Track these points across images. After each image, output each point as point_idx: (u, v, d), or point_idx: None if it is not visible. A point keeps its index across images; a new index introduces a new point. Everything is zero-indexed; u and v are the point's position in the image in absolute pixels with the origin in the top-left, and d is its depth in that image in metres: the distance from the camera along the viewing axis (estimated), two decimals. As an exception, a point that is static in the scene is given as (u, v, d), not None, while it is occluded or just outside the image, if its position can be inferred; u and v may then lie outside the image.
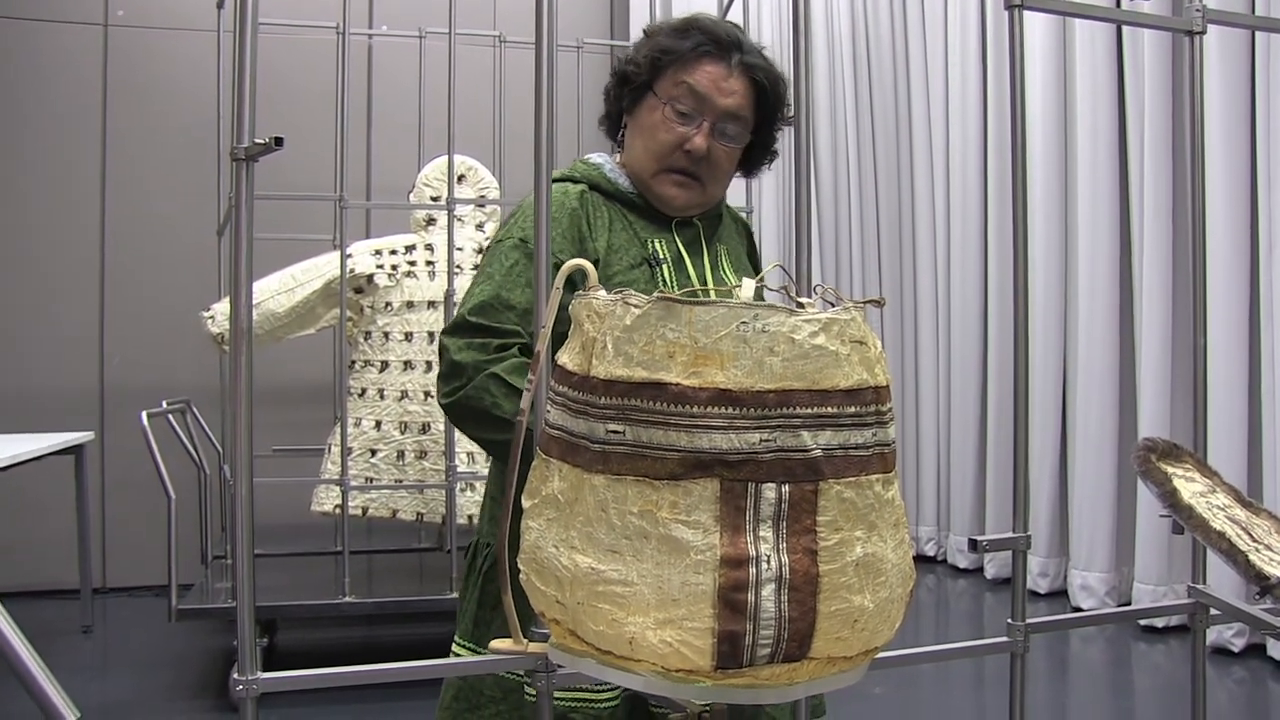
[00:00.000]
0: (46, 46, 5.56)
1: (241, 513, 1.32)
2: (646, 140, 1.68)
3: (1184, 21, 1.73)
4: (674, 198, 1.68)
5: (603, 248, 1.67)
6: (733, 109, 1.65)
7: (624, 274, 1.65)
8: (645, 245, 1.69)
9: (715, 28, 1.68)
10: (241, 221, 1.30)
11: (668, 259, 1.69)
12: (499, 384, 1.55)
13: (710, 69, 1.64)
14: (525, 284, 1.61)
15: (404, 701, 3.60)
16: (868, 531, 0.94)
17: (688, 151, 1.64)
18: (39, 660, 1.39)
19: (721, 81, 1.64)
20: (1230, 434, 3.92)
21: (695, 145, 1.64)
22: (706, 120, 1.64)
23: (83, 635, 4.71)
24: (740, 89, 1.65)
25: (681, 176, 1.67)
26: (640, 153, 1.70)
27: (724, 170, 1.70)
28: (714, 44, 1.65)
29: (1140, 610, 3.56)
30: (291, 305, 4.07)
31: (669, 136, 1.65)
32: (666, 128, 1.65)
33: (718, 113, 1.64)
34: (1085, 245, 4.65)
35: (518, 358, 1.58)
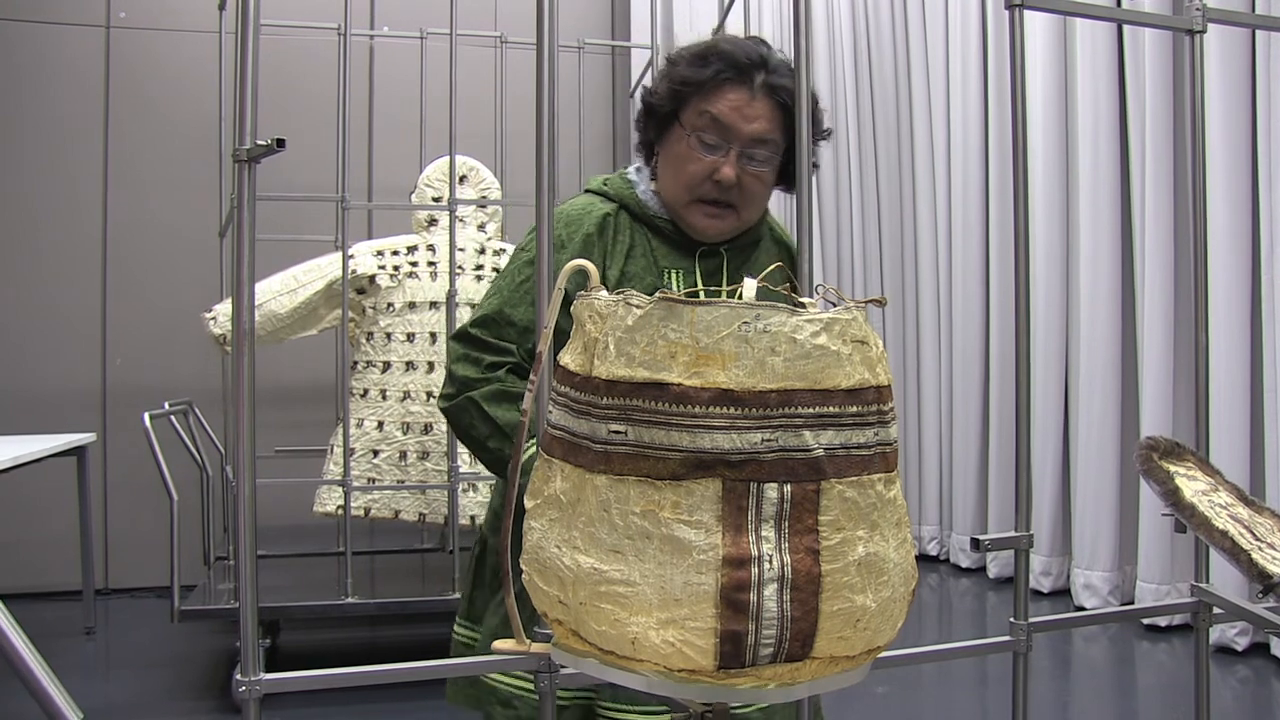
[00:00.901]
0: (48, 48, 5.56)
1: (244, 514, 1.32)
2: (676, 171, 1.67)
3: (1184, 20, 1.73)
4: (707, 228, 1.67)
5: (615, 276, 1.67)
6: (759, 134, 1.62)
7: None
8: (661, 276, 1.69)
9: (735, 52, 1.65)
10: (243, 222, 1.30)
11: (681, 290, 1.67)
12: (476, 410, 1.63)
13: (732, 96, 1.62)
14: (530, 302, 1.64)
15: (407, 702, 3.60)
16: (870, 531, 0.94)
17: (717, 182, 1.63)
18: (42, 661, 1.39)
19: (745, 108, 1.62)
20: (1232, 432, 3.92)
21: (724, 175, 1.62)
22: (733, 148, 1.62)
23: (85, 636, 4.71)
24: (765, 112, 1.63)
25: (713, 207, 1.65)
26: (671, 183, 1.69)
27: (757, 194, 1.68)
28: (734, 69, 1.62)
29: (1143, 609, 3.57)
30: (293, 306, 4.07)
31: (697, 168, 1.64)
32: (694, 159, 1.64)
33: (744, 140, 1.62)
34: (1086, 244, 4.65)
35: (502, 382, 1.63)
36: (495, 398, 1.63)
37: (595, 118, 6.28)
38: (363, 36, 5.30)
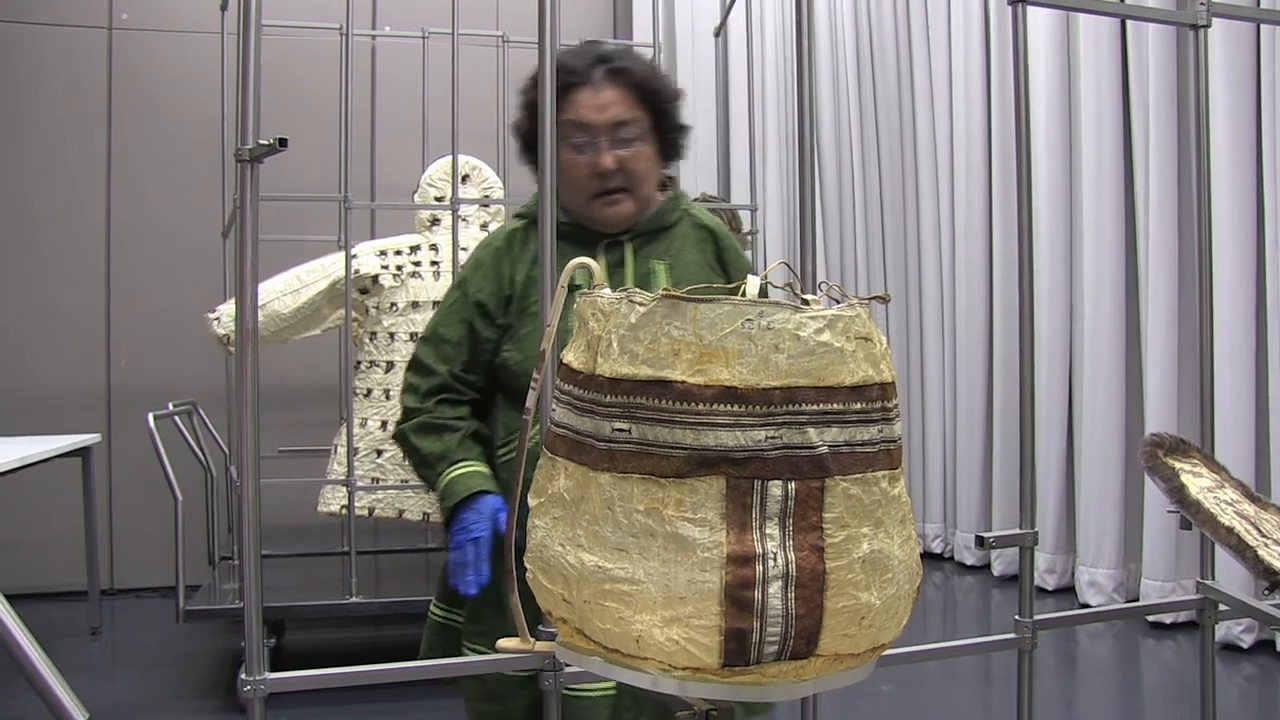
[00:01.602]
0: (51, 50, 5.57)
1: (248, 513, 1.32)
2: (565, 180, 1.76)
3: (1188, 15, 1.73)
4: (612, 215, 1.78)
5: (521, 280, 1.80)
6: (616, 118, 1.74)
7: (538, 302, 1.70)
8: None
9: (569, 59, 1.76)
10: (246, 222, 1.30)
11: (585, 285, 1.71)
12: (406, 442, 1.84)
13: (581, 97, 1.74)
14: (458, 320, 1.82)
15: (411, 701, 3.61)
16: (874, 528, 0.94)
17: (600, 174, 1.74)
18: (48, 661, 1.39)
19: (595, 101, 1.74)
20: (1237, 428, 3.91)
21: (603, 165, 1.73)
22: (601, 140, 1.74)
23: (91, 636, 4.72)
24: (615, 97, 1.74)
25: (609, 196, 1.76)
26: (567, 192, 1.78)
27: (642, 171, 1.78)
28: (574, 74, 1.74)
29: (1148, 606, 3.57)
30: (297, 306, 4.08)
31: (579, 170, 1.75)
32: (574, 164, 1.75)
33: (606, 128, 1.73)
34: (1090, 241, 4.64)
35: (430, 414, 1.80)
36: (422, 429, 1.80)
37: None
38: (365, 36, 5.30)
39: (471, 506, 1.71)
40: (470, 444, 1.78)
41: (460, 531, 1.70)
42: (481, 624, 1.81)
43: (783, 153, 6.15)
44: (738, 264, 1.88)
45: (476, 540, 1.68)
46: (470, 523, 1.69)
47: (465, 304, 1.82)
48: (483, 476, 1.74)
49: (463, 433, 1.79)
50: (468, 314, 1.81)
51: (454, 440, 1.78)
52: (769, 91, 6.11)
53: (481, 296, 1.81)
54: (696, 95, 6.08)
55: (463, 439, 1.78)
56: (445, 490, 1.74)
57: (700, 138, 6.31)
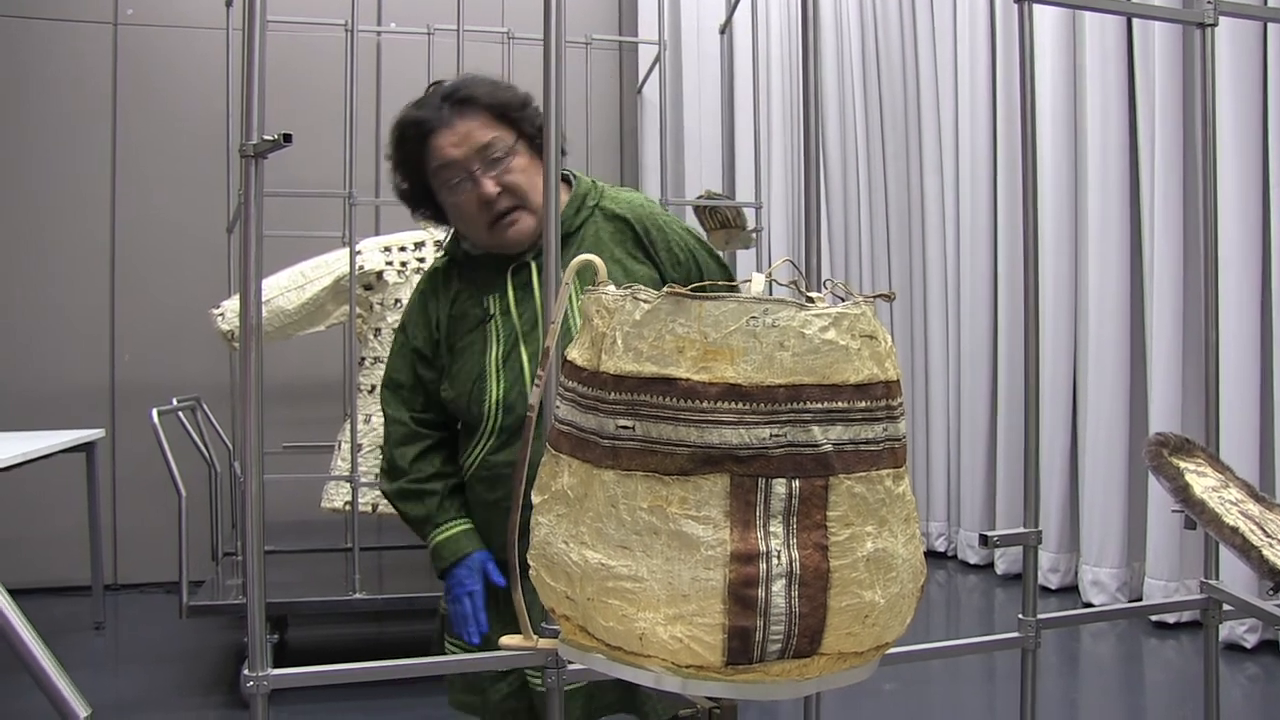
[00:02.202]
0: (56, 45, 5.57)
1: (251, 509, 1.32)
2: (460, 220, 1.81)
3: (1195, 14, 1.72)
4: (514, 236, 1.78)
5: (444, 318, 1.85)
6: (478, 144, 1.75)
7: (463, 338, 1.82)
8: (483, 302, 1.82)
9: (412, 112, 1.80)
10: (250, 218, 1.30)
11: (496, 313, 1.80)
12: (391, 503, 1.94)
13: (436, 142, 1.76)
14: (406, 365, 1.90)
15: (414, 698, 3.61)
16: (878, 527, 0.94)
17: (487, 202, 1.75)
18: (51, 656, 1.39)
19: (451, 139, 1.76)
20: (1242, 428, 3.90)
21: (486, 192, 1.74)
22: (475, 170, 1.74)
23: (94, 632, 4.72)
24: (469, 125, 1.76)
25: (504, 219, 1.77)
26: (467, 230, 1.82)
27: (524, 184, 1.77)
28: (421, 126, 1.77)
29: (1152, 606, 3.56)
30: (301, 302, 4.08)
31: (467, 206, 1.77)
32: (460, 203, 1.78)
33: (473, 159, 1.75)
34: (1095, 239, 4.64)
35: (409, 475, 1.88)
36: (402, 495, 1.90)
37: (602, 113, 6.28)
38: (369, 33, 5.29)
39: (462, 564, 1.83)
40: (449, 502, 1.88)
41: (456, 587, 1.83)
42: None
43: (788, 150, 6.14)
44: (666, 245, 1.84)
45: (471, 594, 1.82)
46: (463, 578, 1.82)
47: (407, 349, 1.89)
48: (465, 536, 1.85)
49: (440, 494, 1.87)
50: (411, 359, 1.89)
51: (434, 504, 1.87)
52: (774, 89, 6.11)
53: (417, 343, 1.88)
54: (702, 92, 6.09)
55: (441, 501, 1.87)
56: (434, 552, 1.87)
57: (705, 135, 6.33)
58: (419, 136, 1.77)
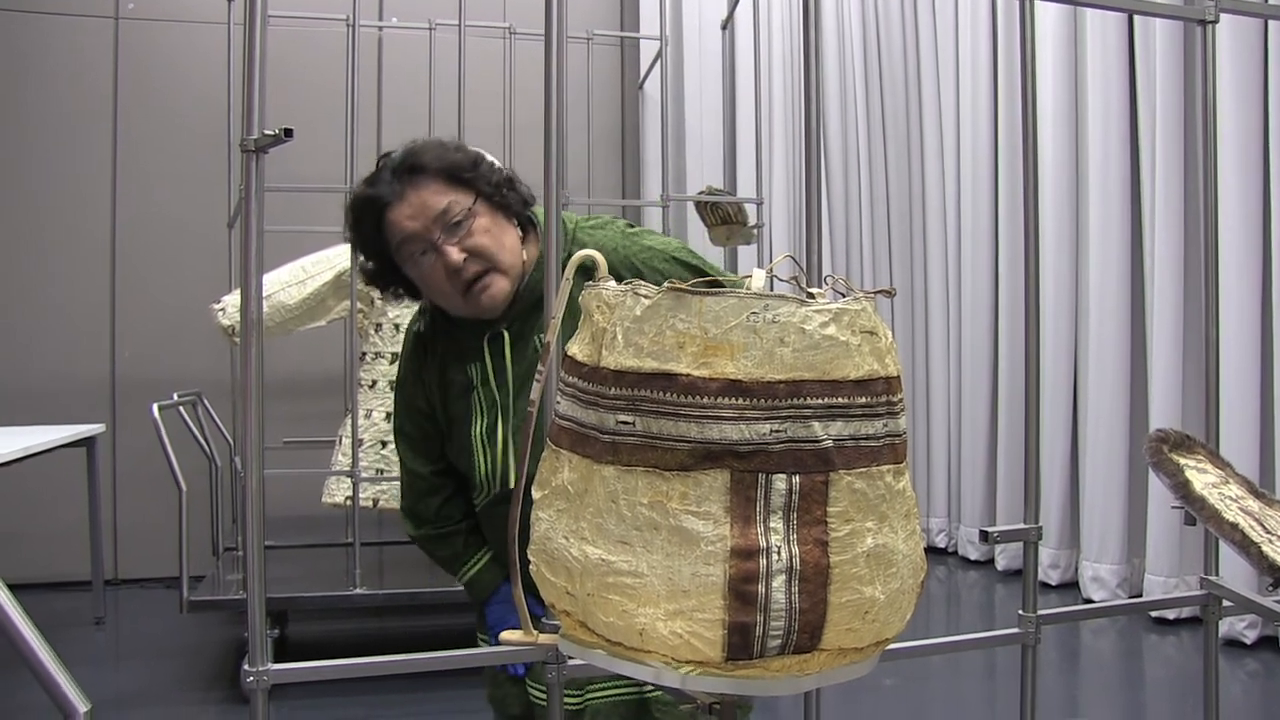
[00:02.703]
0: (57, 40, 5.57)
1: (252, 504, 1.32)
2: (430, 291, 1.75)
3: (1196, 11, 1.72)
4: (489, 301, 1.71)
5: (435, 384, 1.82)
6: (433, 212, 1.68)
7: (455, 404, 1.79)
8: (465, 369, 1.79)
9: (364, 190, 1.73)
10: (251, 213, 1.30)
11: (478, 384, 1.77)
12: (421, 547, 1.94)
13: (391, 216, 1.70)
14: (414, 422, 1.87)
15: (415, 693, 3.61)
16: (879, 522, 0.94)
17: (454, 270, 1.68)
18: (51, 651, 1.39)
19: (406, 211, 1.69)
20: (1242, 425, 3.90)
21: (451, 260, 1.67)
22: (438, 240, 1.67)
23: (95, 626, 4.73)
24: (422, 194, 1.69)
25: (474, 285, 1.70)
26: (439, 300, 1.76)
27: (489, 244, 1.71)
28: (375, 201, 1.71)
29: (1152, 602, 3.56)
30: (302, 297, 4.08)
31: (434, 277, 1.70)
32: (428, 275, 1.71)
33: (436, 228, 1.68)
34: (1096, 236, 4.64)
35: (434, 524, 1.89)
36: (429, 540, 1.90)
37: (604, 109, 6.28)
38: (371, 28, 5.29)
39: (495, 601, 1.86)
40: (474, 538, 1.89)
41: (497, 624, 1.84)
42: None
43: (789, 146, 6.14)
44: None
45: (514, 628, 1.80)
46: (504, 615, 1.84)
47: (411, 410, 1.87)
48: (491, 571, 1.87)
49: (464, 533, 1.88)
50: (416, 418, 1.87)
51: (459, 544, 1.88)
52: (775, 84, 6.10)
53: (419, 403, 1.85)
54: (703, 88, 6.08)
55: (466, 539, 1.88)
56: (467, 586, 1.90)
57: (707, 130, 6.33)
58: (374, 214, 1.71)
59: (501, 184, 1.75)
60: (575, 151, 5.93)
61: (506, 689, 1.89)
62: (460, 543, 1.88)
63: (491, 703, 1.94)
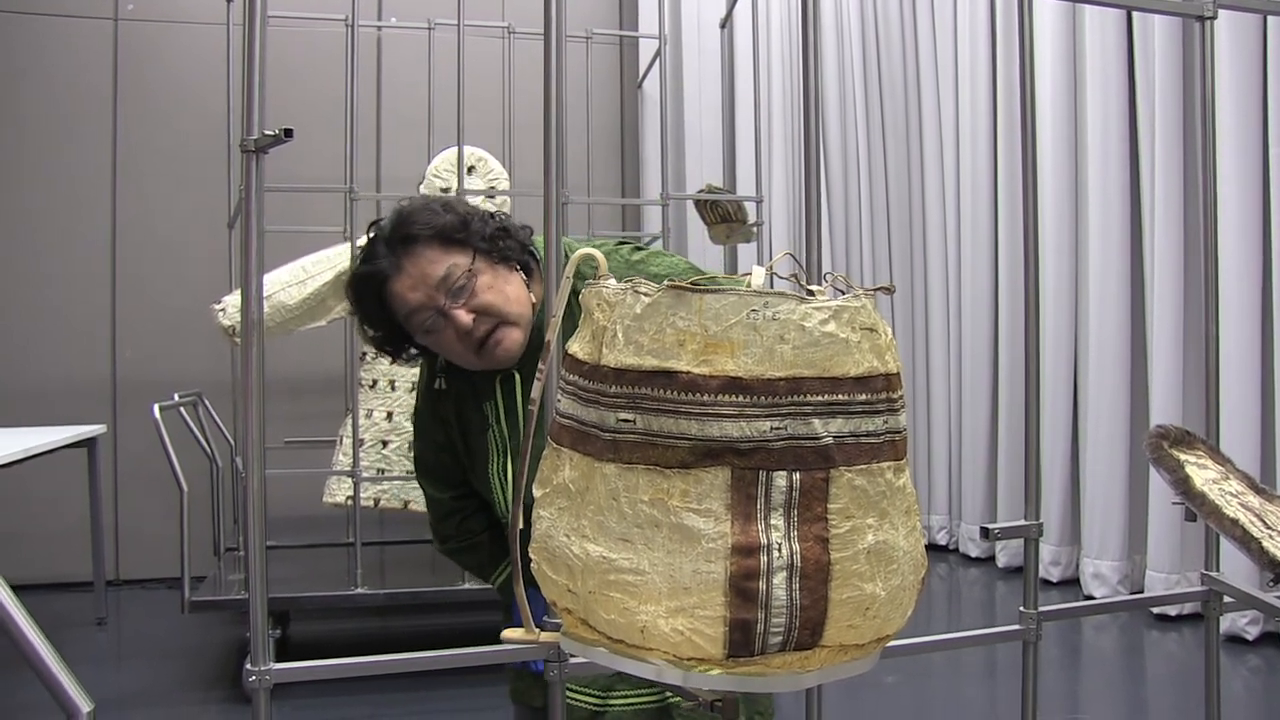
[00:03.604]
0: (56, 41, 5.57)
1: (253, 504, 1.32)
2: (445, 354, 1.77)
3: (1195, 7, 1.72)
4: (503, 356, 1.72)
5: (454, 420, 1.84)
6: (436, 280, 1.68)
7: (474, 439, 1.81)
8: (481, 408, 1.80)
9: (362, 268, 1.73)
10: (251, 214, 1.30)
11: (493, 423, 1.79)
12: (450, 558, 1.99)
13: (393, 289, 1.70)
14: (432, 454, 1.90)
15: (416, 692, 3.61)
16: (879, 519, 0.94)
17: (466, 333, 1.68)
18: (53, 651, 1.39)
19: (407, 283, 1.69)
20: (1242, 420, 3.91)
21: (462, 324, 1.68)
22: (444, 306, 1.68)
23: (96, 627, 4.73)
24: (420, 264, 1.69)
25: (487, 342, 1.70)
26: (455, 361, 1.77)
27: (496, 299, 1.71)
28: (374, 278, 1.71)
29: (1153, 598, 3.56)
30: (302, 297, 4.07)
31: (448, 342, 1.71)
32: (441, 342, 1.72)
33: (436, 298, 1.68)
34: (1096, 233, 4.64)
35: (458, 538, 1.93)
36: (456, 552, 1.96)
37: (603, 108, 6.28)
38: (370, 28, 5.29)
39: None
40: (497, 548, 1.92)
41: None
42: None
43: (788, 144, 6.14)
44: None
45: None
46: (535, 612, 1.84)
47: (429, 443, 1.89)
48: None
49: (489, 544, 1.92)
50: (435, 450, 1.89)
51: (484, 554, 1.92)
52: (775, 83, 6.10)
53: (437, 438, 1.87)
54: (702, 87, 6.08)
55: (490, 550, 1.92)
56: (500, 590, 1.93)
57: (706, 129, 6.33)
58: (375, 289, 1.71)
59: (495, 235, 1.74)
60: (574, 151, 5.93)
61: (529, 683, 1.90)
62: (485, 553, 1.92)
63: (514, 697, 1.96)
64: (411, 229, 1.70)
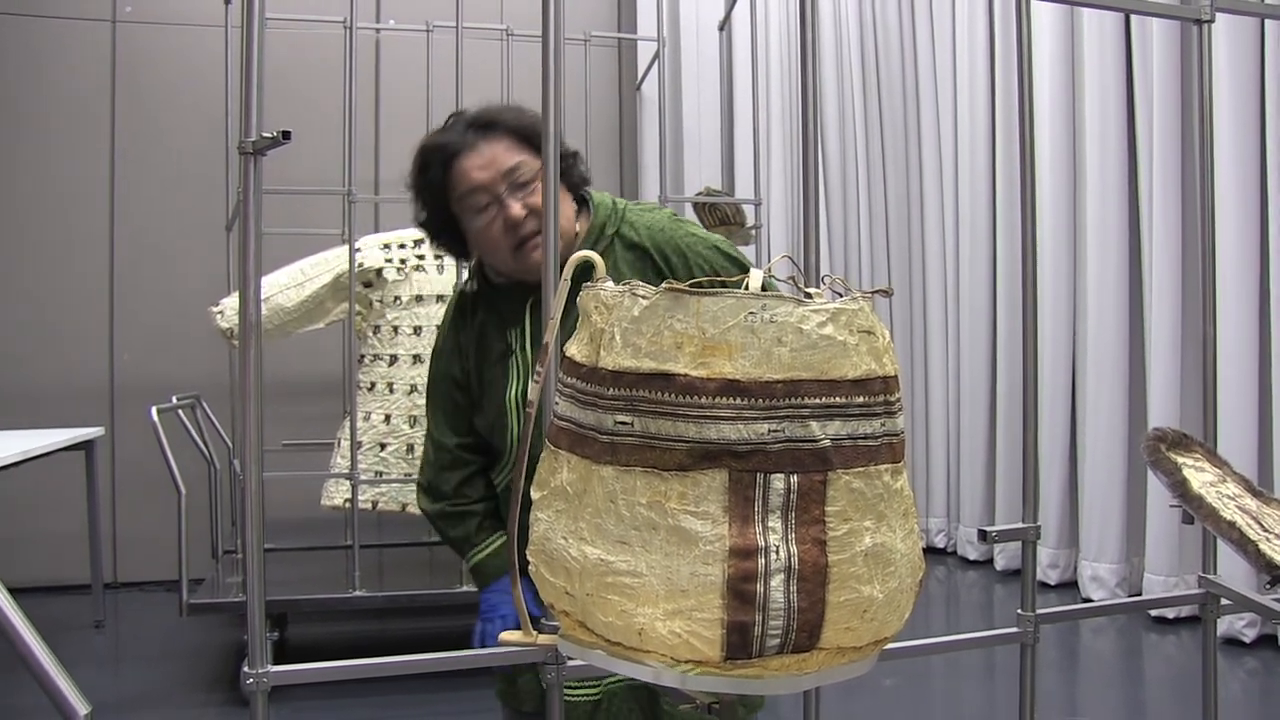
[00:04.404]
0: (55, 43, 5.57)
1: (251, 507, 1.32)
2: (485, 245, 1.78)
3: (1192, 10, 1.72)
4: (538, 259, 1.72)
5: (473, 349, 1.86)
6: (504, 167, 1.72)
7: (490, 370, 1.82)
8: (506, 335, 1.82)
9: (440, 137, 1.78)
10: (249, 215, 1.30)
11: (517, 349, 1.80)
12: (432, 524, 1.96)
13: (463, 165, 1.73)
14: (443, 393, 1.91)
15: (414, 694, 3.61)
16: (876, 521, 0.94)
17: (513, 225, 1.71)
18: (51, 654, 1.39)
19: (477, 162, 1.72)
20: (1240, 423, 3.91)
21: (513, 214, 1.71)
22: (501, 193, 1.71)
23: (94, 630, 4.73)
24: (495, 149, 1.73)
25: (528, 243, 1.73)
26: (491, 256, 1.80)
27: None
28: (446, 148, 1.75)
29: (1150, 601, 3.57)
30: (300, 300, 4.08)
31: (493, 229, 1.74)
32: (485, 228, 1.74)
33: (502, 183, 1.72)
34: (1094, 235, 4.64)
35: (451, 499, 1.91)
36: (443, 517, 1.92)
37: (602, 111, 6.28)
38: (369, 30, 5.29)
39: (496, 589, 1.87)
40: (489, 522, 1.90)
41: (489, 610, 1.87)
42: None
43: (787, 147, 6.14)
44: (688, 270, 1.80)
45: (504, 618, 1.85)
46: (497, 603, 1.87)
47: (444, 379, 1.90)
48: (500, 558, 1.88)
49: (480, 515, 1.90)
50: (448, 387, 1.90)
51: (474, 525, 1.89)
52: (773, 85, 6.10)
53: (454, 371, 1.89)
54: (701, 89, 6.08)
55: (481, 521, 1.90)
56: (473, 571, 1.91)
57: (704, 132, 6.32)
58: (443, 162, 1.75)
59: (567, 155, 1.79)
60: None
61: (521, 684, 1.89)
62: (474, 524, 1.89)
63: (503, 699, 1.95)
64: (497, 117, 1.76)
